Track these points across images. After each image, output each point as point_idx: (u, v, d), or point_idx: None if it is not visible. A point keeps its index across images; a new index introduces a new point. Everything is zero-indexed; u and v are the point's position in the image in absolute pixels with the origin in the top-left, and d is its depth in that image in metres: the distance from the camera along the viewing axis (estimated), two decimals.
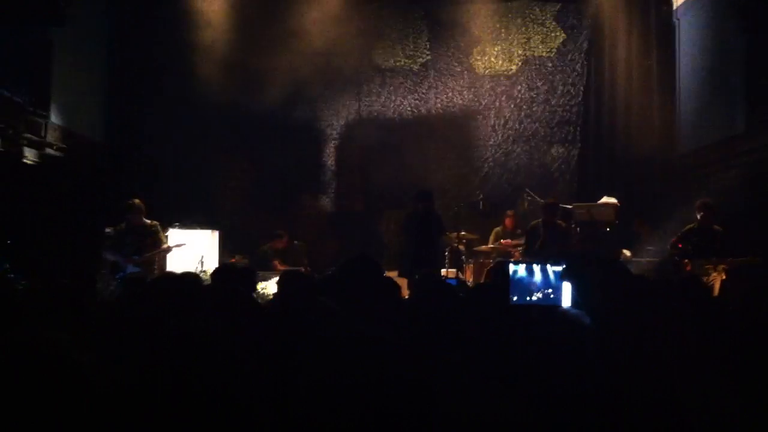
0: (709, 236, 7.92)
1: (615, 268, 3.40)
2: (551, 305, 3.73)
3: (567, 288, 3.69)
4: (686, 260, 7.88)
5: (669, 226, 8.39)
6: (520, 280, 3.78)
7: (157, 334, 2.60)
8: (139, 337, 2.75)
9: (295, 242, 9.91)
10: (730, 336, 3.34)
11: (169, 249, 8.24)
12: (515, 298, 3.75)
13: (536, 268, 3.79)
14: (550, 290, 3.76)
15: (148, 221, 8.10)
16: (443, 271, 9.54)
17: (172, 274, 6.55)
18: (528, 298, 3.78)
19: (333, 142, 11.05)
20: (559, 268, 3.73)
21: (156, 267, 8.19)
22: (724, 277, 7.60)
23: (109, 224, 8.22)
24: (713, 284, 7.32)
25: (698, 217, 7.99)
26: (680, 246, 7.98)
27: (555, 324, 3.51)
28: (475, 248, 10.10)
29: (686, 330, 3.50)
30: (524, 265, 3.81)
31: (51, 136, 8.97)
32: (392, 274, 8.92)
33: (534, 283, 3.78)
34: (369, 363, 2.51)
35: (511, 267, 3.79)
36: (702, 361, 2.79)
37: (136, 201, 8.04)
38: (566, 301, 3.70)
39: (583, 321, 3.27)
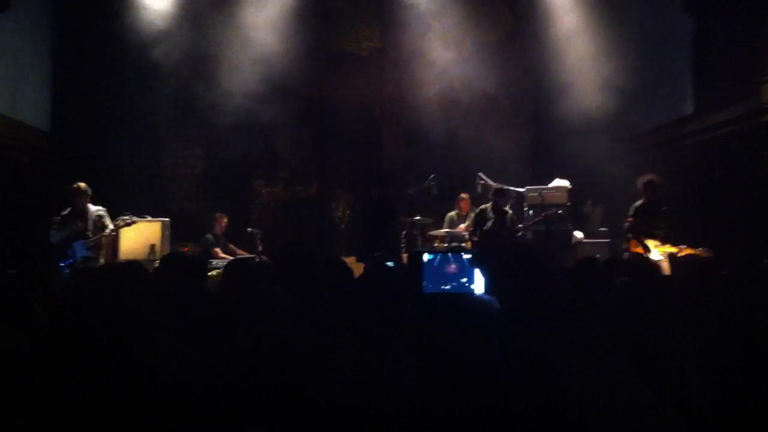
0: (656, 214, 8.04)
1: (520, 254, 3.42)
2: (464, 292, 3.75)
3: (480, 275, 3.71)
4: (633, 240, 7.99)
5: (621, 208, 8.48)
6: (435, 268, 3.80)
7: (99, 332, 2.59)
8: (85, 333, 2.74)
9: (249, 229, 9.85)
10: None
11: (115, 231, 8.16)
12: (430, 287, 3.77)
13: (451, 256, 3.80)
14: (464, 278, 3.78)
15: (93, 207, 8.05)
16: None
17: (116, 264, 6.48)
18: (442, 287, 3.80)
19: (286, 127, 10.96)
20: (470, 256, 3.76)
21: (104, 252, 8.12)
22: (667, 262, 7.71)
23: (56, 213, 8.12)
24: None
25: (644, 194, 8.11)
26: (631, 221, 8.09)
27: (465, 311, 3.54)
28: (429, 233, 10.12)
29: (588, 314, 3.56)
30: (439, 254, 3.83)
31: None
32: (350, 260, 8.97)
33: (448, 272, 3.80)
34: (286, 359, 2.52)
35: (425, 256, 3.79)
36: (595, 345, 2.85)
37: (81, 185, 7.97)
38: (479, 288, 3.72)
39: (493, 307, 3.29)
